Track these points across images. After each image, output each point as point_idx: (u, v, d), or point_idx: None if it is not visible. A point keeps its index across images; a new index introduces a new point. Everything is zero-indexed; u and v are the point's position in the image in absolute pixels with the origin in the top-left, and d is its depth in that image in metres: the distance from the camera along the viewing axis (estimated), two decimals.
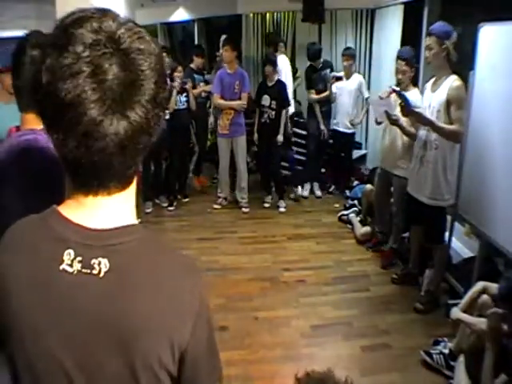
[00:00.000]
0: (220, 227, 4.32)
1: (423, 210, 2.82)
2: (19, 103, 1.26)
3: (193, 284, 0.71)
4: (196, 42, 6.57)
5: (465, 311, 2.15)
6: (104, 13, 0.61)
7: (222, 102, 4.40)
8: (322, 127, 4.77)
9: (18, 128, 1.30)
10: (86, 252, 0.64)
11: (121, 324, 0.64)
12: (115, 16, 0.62)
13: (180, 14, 6.30)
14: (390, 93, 3.26)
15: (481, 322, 2.02)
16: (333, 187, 5.04)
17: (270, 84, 4.51)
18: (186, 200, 4.96)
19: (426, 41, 2.69)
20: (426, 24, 4.02)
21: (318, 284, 3.30)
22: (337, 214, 4.43)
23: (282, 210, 4.65)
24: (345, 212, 4.35)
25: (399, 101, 2.85)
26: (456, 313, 2.12)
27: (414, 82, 3.35)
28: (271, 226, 4.33)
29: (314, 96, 4.75)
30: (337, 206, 4.69)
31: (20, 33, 1.26)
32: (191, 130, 5.02)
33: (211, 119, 4.87)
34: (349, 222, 4.23)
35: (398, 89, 2.97)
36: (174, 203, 4.75)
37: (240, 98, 4.39)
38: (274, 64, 4.45)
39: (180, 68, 4.54)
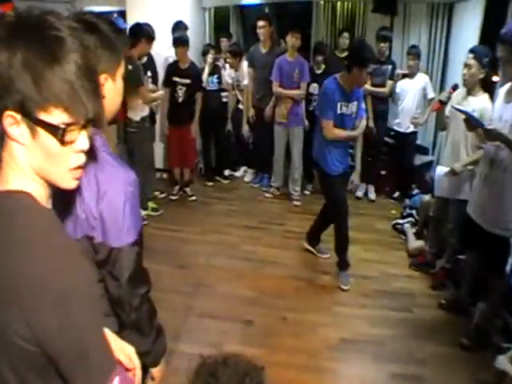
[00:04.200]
0: (267, 217, 4.24)
1: (482, 235, 2.45)
2: None
3: (39, 263, 0.69)
4: None
5: None
6: None
7: (280, 90, 4.31)
8: (371, 124, 4.40)
9: None
10: None
11: None
12: None
13: None
14: (450, 92, 2.98)
15: None
16: (397, 193, 4.65)
17: (318, 72, 4.46)
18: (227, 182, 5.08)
19: (498, 50, 2.27)
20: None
21: (356, 294, 3.10)
22: (391, 222, 4.13)
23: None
24: (400, 221, 4.03)
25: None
26: (502, 363, 1.84)
27: (486, 89, 2.93)
28: None
29: (368, 87, 4.40)
30: (394, 212, 4.36)
31: None
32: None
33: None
34: (403, 232, 3.91)
35: (458, 107, 2.62)
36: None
37: (299, 87, 4.24)
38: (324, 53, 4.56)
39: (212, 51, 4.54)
